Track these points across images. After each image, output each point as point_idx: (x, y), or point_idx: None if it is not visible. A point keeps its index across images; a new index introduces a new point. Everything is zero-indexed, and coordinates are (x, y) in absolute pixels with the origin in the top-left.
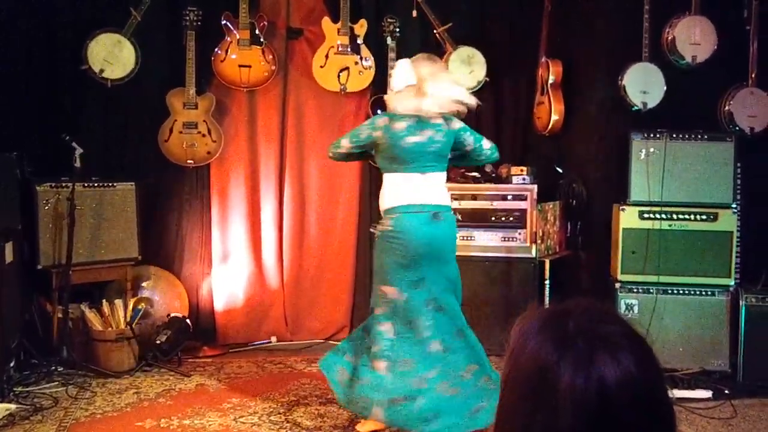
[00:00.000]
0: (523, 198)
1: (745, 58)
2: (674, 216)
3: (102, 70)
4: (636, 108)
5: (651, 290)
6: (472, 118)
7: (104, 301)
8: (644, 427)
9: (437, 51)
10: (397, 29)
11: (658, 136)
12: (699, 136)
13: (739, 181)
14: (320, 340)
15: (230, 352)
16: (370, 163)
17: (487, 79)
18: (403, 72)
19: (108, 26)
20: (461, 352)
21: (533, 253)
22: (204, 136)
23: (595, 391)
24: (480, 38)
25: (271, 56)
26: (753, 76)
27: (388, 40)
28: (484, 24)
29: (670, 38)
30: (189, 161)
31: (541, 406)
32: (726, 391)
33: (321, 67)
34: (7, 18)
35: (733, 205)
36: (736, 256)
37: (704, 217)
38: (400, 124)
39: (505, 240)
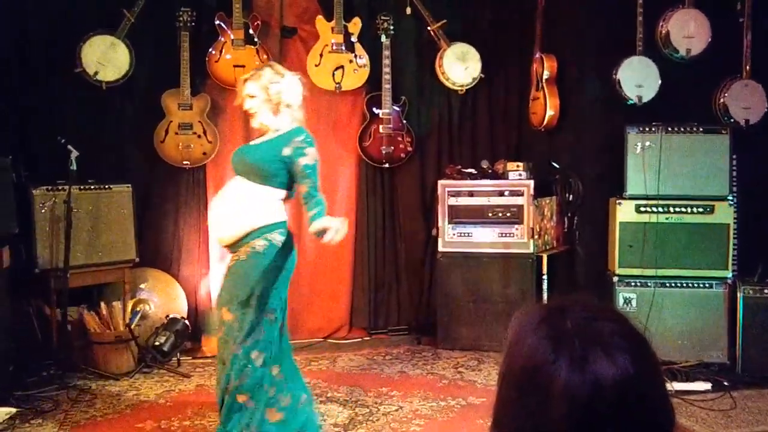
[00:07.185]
0: (519, 194)
1: (739, 50)
2: (671, 209)
3: (96, 72)
4: (631, 102)
5: (649, 284)
6: (467, 113)
7: (102, 303)
8: (639, 426)
9: (431, 48)
10: (391, 27)
11: (653, 129)
12: (694, 129)
13: (734, 173)
14: (319, 339)
15: None
16: (366, 161)
17: (483, 75)
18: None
19: (101, 28)
20: None
21: (531, 249)
22: (199, 137)
23: (589, 390)
24: (474, 35)
25: (265, 56)
26: (747, 68)
27: (383, 37)
28: (478, 20)
29: (664, 32)
30: (185, 162)
31: (536, 403)
32: (725, 383)
33: (316, 65)
34: None
35: (730, 197)
36: (733, 248)
37: (701, 209)
38: None
39: (502, 236)
